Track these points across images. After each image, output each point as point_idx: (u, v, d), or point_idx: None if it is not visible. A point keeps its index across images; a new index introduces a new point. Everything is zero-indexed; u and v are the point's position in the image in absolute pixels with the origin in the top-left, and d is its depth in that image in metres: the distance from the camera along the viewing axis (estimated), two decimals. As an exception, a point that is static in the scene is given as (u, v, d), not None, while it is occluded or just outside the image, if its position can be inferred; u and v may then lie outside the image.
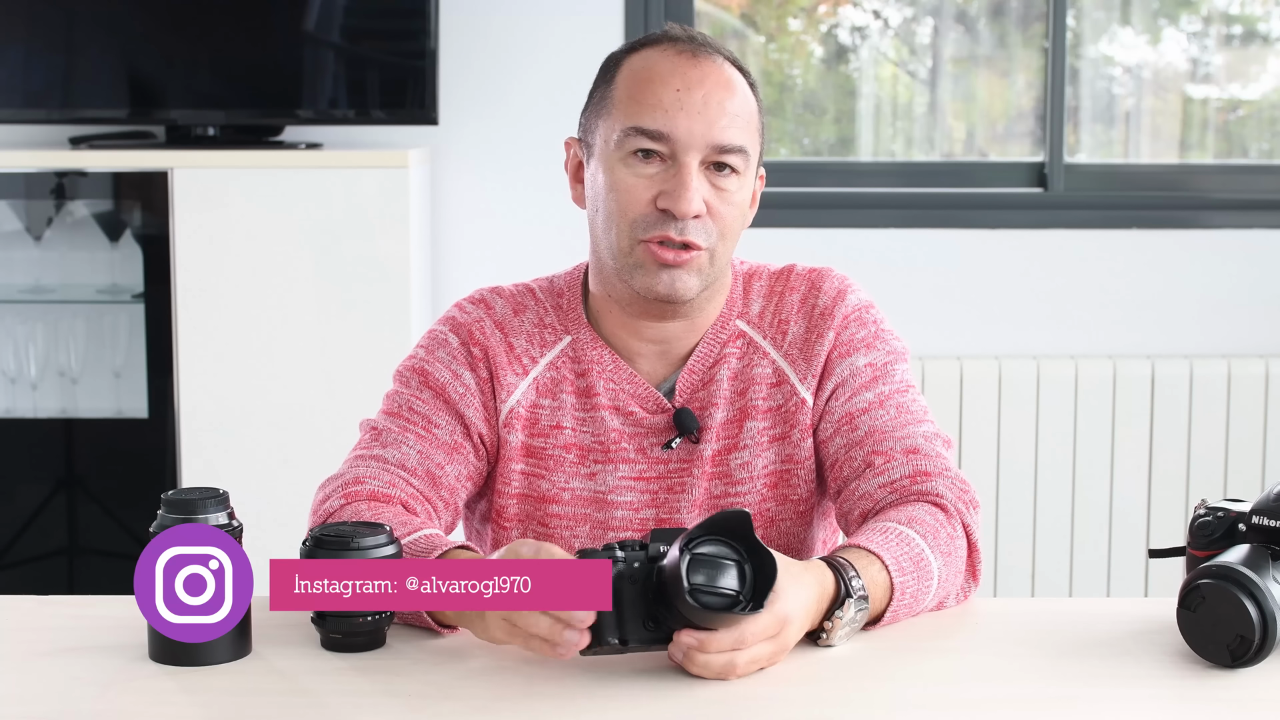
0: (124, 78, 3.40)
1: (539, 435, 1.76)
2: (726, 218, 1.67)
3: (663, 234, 1.65)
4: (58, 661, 1.45)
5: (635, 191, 1.66)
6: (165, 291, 3.22)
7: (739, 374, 1.76)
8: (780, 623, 1.40)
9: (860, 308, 1.78)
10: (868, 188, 3.70)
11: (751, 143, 1.69)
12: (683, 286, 1.67)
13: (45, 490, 3.37)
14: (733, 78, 1.69)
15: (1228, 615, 1.40)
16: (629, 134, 1.65)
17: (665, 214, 1.65)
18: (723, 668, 1.38)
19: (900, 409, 1.73)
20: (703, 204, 1.65)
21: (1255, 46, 3.84)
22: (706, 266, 1.68)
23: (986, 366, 3.48)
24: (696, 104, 1.65)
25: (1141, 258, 3.58)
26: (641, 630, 1.38)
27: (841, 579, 1.47)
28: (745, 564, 1.36)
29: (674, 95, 1.65)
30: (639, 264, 1.67)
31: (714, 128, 1.65)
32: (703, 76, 1.67)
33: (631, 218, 1.66)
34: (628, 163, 1.66)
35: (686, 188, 1.64)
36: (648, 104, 1.65)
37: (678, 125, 1.64)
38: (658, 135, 1.64)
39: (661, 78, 1.66)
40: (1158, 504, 3.51)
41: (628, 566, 1.38)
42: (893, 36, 3.84)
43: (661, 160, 1.65)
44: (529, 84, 3.53)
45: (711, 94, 1.66)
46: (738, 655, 1.38)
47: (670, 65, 1.67)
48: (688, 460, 1.75)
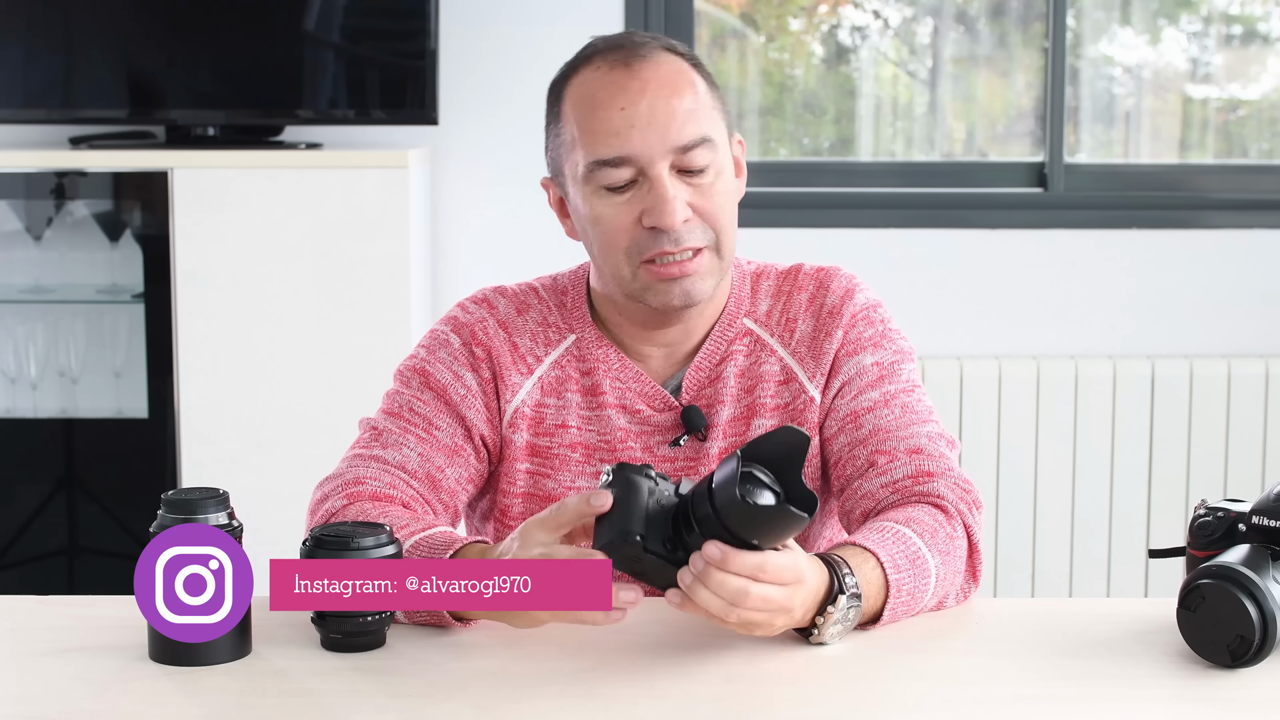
0: (124, 78, 3.40)
1: (544, 434, 1.76)
2: (716, 210, 1.66)
3: (659, 250, 1.65)
4: (57, 661, 1.45)
5: (618, 220, 1.65)
6: (165, 291, 3.22)
7: (746, 371, 1.76)
8: (797, 573, 1.39)
9: (868, 306, 1.78)
10: (868, 188, 3.70)
11: (712, 125, 1.67)
12: (697, 291, 1.68)
13: (45, 490, 3.37)
14: (671, 70, 1.67)
15: (1228, 615, 1.40)
16: (593, 168, 1.65)
17: (654, 231, 1.64)
18: (735, 593, 1.36)
19: (905, 409, 1.73)
20: (686, 209, 1.64)
21: (1255, 46, 3.84)
22: (715, 263, 1.68)
23: (986, 366, 3.48)
24: (644, 116, 1.63)
25: (1141, 258, 3.58)
26: (659, 545, 1.38)
27: (835, 575, 1.46)
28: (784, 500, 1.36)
29: (621, 116, 1.64)
30: (646, 286, 1.67)
31: (669, 132, 1.63)
32: (642, 85, 1.65)
33: (624, 246, 1.66)
34: (601, 195, 1.66)
35: (665, 200, 1.63)
36: (600, 133, 1.64)
37: (633, 144, 1.63)
38: (619, 161, 1.64)
39: (604, 101, 1.65)
40: (1158, 504, 3.51)
41: (659, 489, 1.39)
42: (893, 36, 3.84)
43: (634, 181, 1.65)
44: (529, 84, 3.52)
45: (656, 99, 1.64)
46: (753, 585, 1.36)
47: (609, 84, 1.65)
48: (694, 458, 1.75)
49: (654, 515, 1.38)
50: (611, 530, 1.37)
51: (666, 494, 1.39)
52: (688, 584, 1.37)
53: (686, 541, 1.38)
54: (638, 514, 1.37)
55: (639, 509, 1.37)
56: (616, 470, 1.40)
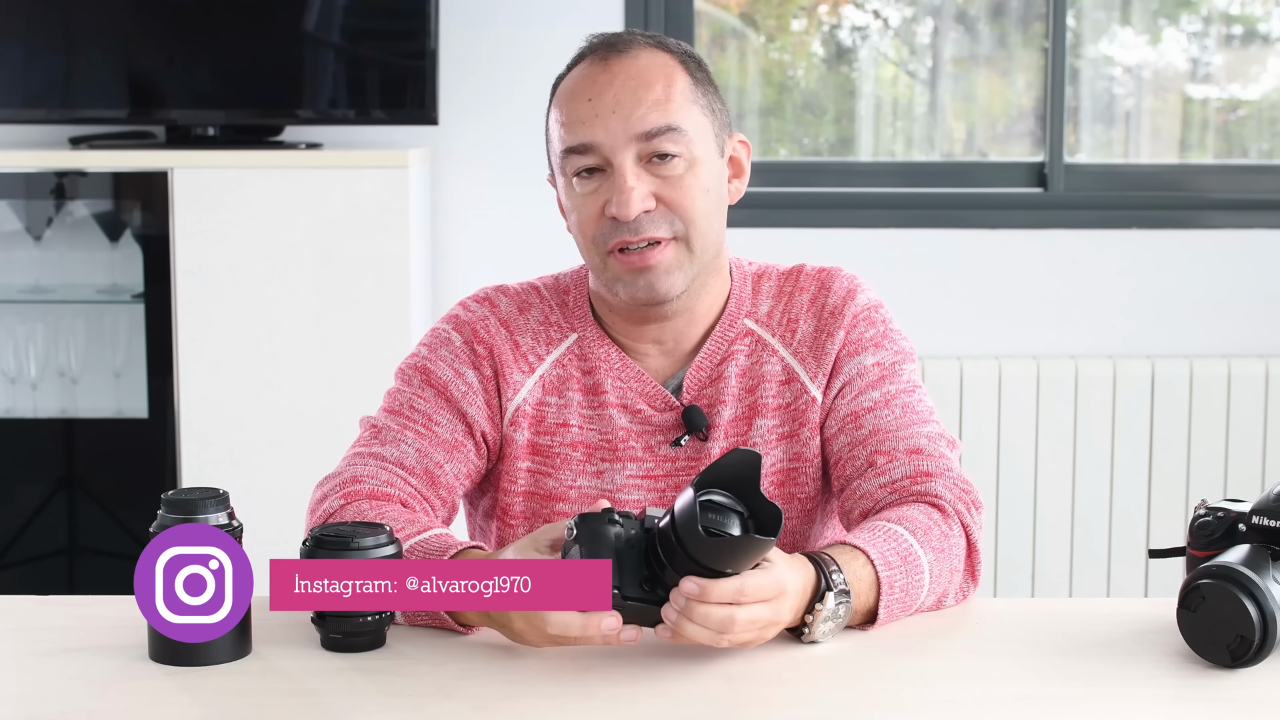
0: (124, 78, 3.40)
1: (545, 433, 1.76)
2: (684, 202, 1.67)
3: (620, 240, 1.66)
4: (58, 661, 1.45)
5: (586, 209, 1.68)
6: (165, 291, 3.22)
7: (747, 371, 1.76)
8: (778, 587, 1.40)
9: (870, 307, 1.78)
10: (868, 188, 3.70)
11: (685, 117, 1.67)
12: (664, 285, 1.68)
13: (45, 490, 3.37)
14: (647, 63, 1.68)
15: (1228, 615, 1.40)
16: (564, 157, 1.69)
17: (615, 220, 1.66)
18: (720, 622, 1.37)
19: (905, 409, 1.73)
20: (648, 199, 1.65)
21: (1255, 46, 3.84)
22: (684, 256, 1.68)
23: (986, 366, 3.48)
24: (609, 105, 1.66)
25: (1141, 258, 3.58)
26: (638, 589, 1.38)
27: (822, 573, 1.46)
28: (748, 517, 1.37)
29: (588, 106, 1.67)
30: (615, 276, 1.69)
31: (630, 120, 1.65)
32: (611, 79, 1.67)
33: (591, 234, 1.68)
34: (574, 185, 1.69)
35: (622, 190, 1.64)
36: (570, 123, 1.68)
37: (596, 132, 1.65)
38: (584, 149, 1.66)
39: (576, 93, 1.69)
40: (1158, 504, 3.51)
41: (625, 531, 1.39)
42: (893, 36, 3.84)
43: (602, 171, 1.67)
44: (529, 84, 3.52)
45: (622, 91, 1.66)
46: (737, 611, 1.37)
47: (583, 79, 1.69)
48: (695, 458, 1.75)
49: (626, 560, 1.38)
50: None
51: (633, 533, 1.40)
52: (673, 620, 1.38)
53: (663, 579, 1.38)
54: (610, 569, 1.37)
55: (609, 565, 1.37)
56: (579, 523, 1.39)
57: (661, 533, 1.38)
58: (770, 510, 1.37)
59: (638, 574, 1.39)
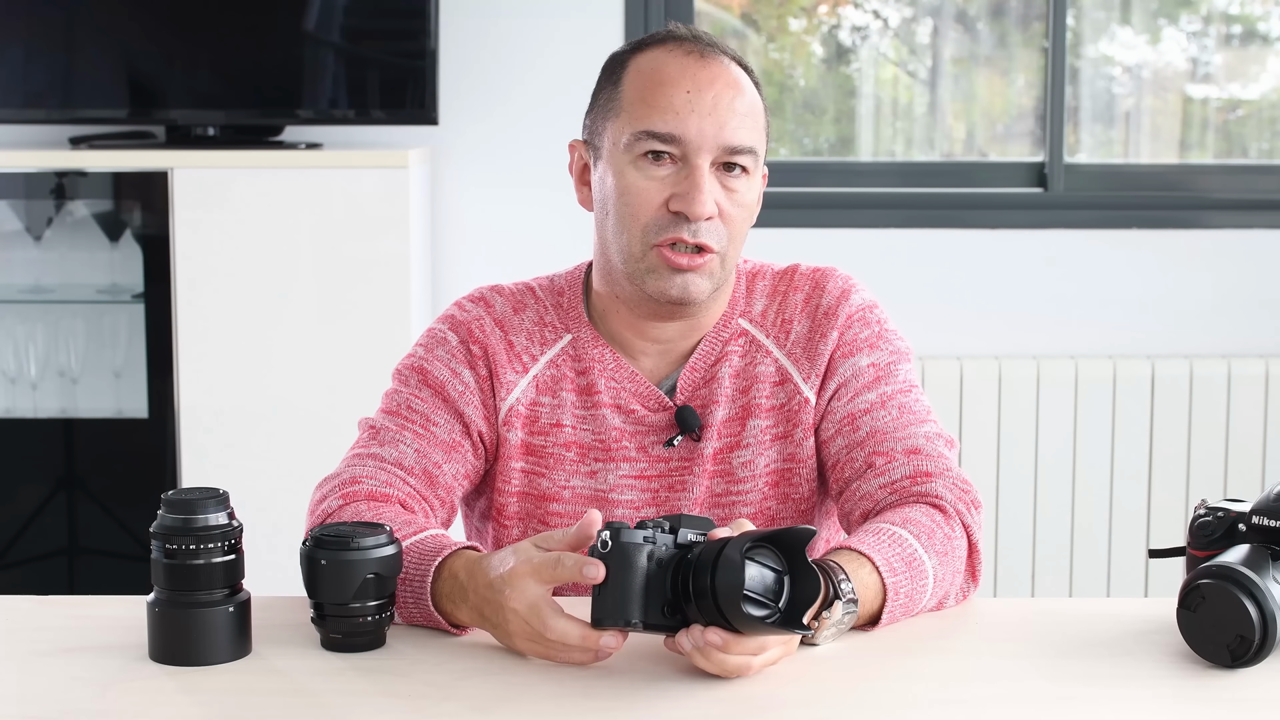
0: (124, 78, 3.40)
1: (539, 433, 1.76)
2: (736, 219, 1.68)
3: (675, 236, 1.65)
4: (58, 661, 1.45)
5: (647, 195, 1.66)
6: (165, 291, 3.22)
7: (741, 372, 1.76)
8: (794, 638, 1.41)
9: (864, 307, 1.78)
10: (868, 188, 3.70)
11: (759, 142, 1.69)
12: (695, 290, 1.67)
13: (45, 490, 3.37)
14: (739, 77, 1.70)
15: (1228, 615, 1.40)
16: (639, 137, 1.65)
17: (678, 216, 1.65)
18: (737, 669, 1.37)
19: (902, 409, 1.73)
20: (715, 205, 1.65)
21: (1255, 46, 3.84)
22: (718, 269, 1.69)
23: (986, 366, 3.48)
24: (707, 105, 1.65)
25: (1141, 258, 3.58)
26: (659, 615, 1.37)
27: (830, 582, 1.46)
28: (785, 575, 1.35)
29: (684, 97, 1.65)
30: (651, 268, 1.67)
31: (724, 129, 1.65)
32: (712, 78, 1.67)
33: (644, 221, 1.66)
34: (638, 166, 1.66)
35: (699, 190, 1.64)
36: (658, 107, 1.65)
37: (689, 127, 1.64)
38: (669, 138, 1.64)
39: (671, 80, 1.66)
40: (1158, 504, 3.51)
41: (657, 549, 1.36)
42: (893, 36, 3.84)
43: (673, 162, 1.65)
44: (529, 84, 3.53)
45: (721, 95, 1.66)
46: (754, 660, 1.37)
47: (679, 66, 1.67)
48: (689, 458, 1.75)
49: (653, 583, 1.36)
50: (609, 610, 1.36)
51: (664, 548, 1.37)
52: (687, 650, 1.37)
53: (685, 611, 1.37)
54: (634, 597, 1.35)
55: (635, 590, 1.35)
56: (614, 538, 1.36)
57: (697, 572, 1.34)
58: (811, 580, 1.34)
59: (662, 597, 1.36)
